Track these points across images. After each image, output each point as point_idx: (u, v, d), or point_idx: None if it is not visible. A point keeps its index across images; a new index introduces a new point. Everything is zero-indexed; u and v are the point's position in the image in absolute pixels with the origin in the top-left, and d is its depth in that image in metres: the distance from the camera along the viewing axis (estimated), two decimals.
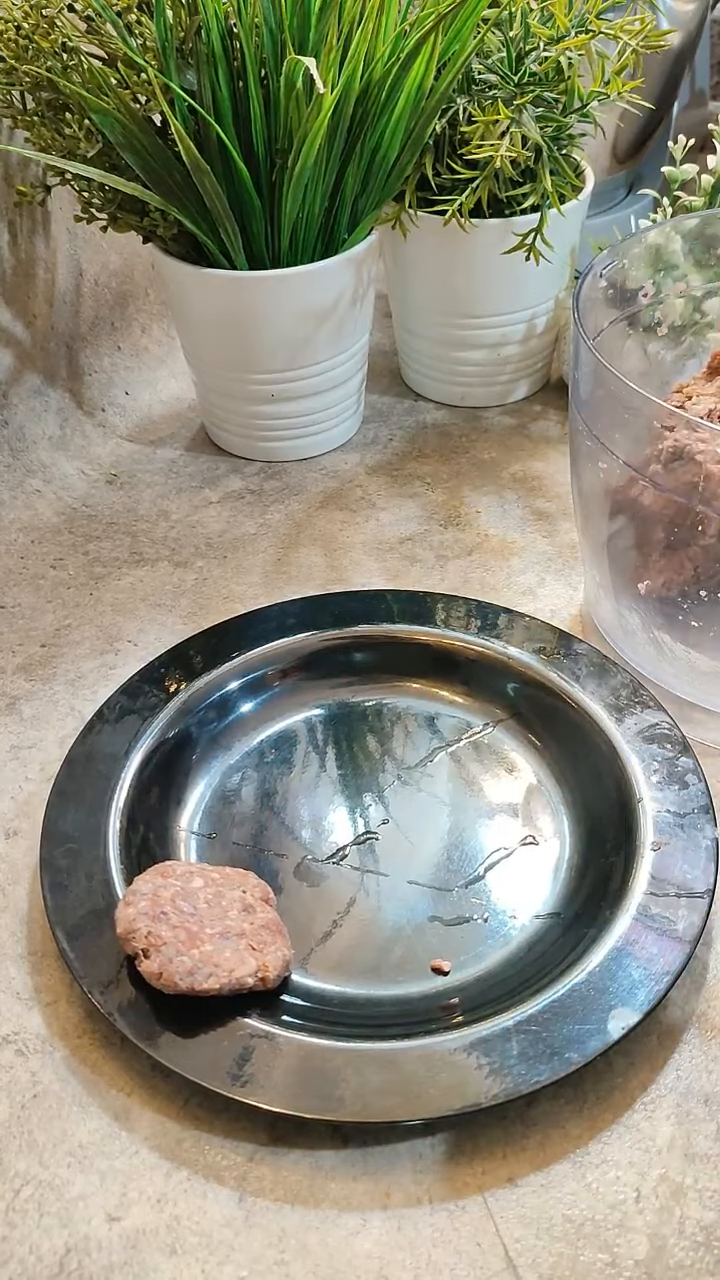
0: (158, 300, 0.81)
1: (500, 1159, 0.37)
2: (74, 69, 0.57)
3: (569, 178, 0.66)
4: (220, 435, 0.73)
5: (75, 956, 0.41)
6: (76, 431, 0.73)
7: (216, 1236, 0.36)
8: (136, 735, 0.49)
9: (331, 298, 0.64)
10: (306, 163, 0.57)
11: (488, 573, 0.62)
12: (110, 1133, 0.38)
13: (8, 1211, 0.36)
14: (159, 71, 0.56)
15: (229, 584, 0.62)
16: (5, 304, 0.70)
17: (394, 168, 0.63)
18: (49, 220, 0.71)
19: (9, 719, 0.54)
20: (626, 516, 0.50)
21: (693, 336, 0.60)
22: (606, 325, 0.55)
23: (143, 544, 0.65)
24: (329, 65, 0.56)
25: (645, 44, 0.61)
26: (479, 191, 0.63)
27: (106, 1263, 0.35)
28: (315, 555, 0.64)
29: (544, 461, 0.71)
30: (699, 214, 0.58)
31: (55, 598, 0.62)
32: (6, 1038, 0.41)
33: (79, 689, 0.56)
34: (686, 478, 0.45)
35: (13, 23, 0.57)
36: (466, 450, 0.72)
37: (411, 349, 0.76)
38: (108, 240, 0.76)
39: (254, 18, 0.56)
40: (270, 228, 0.62)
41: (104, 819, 0.46)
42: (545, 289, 0.70)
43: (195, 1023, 0.39)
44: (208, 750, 0.51)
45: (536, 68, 0.61)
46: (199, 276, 0.63)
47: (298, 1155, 0.38)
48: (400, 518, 0.67)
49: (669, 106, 0.85)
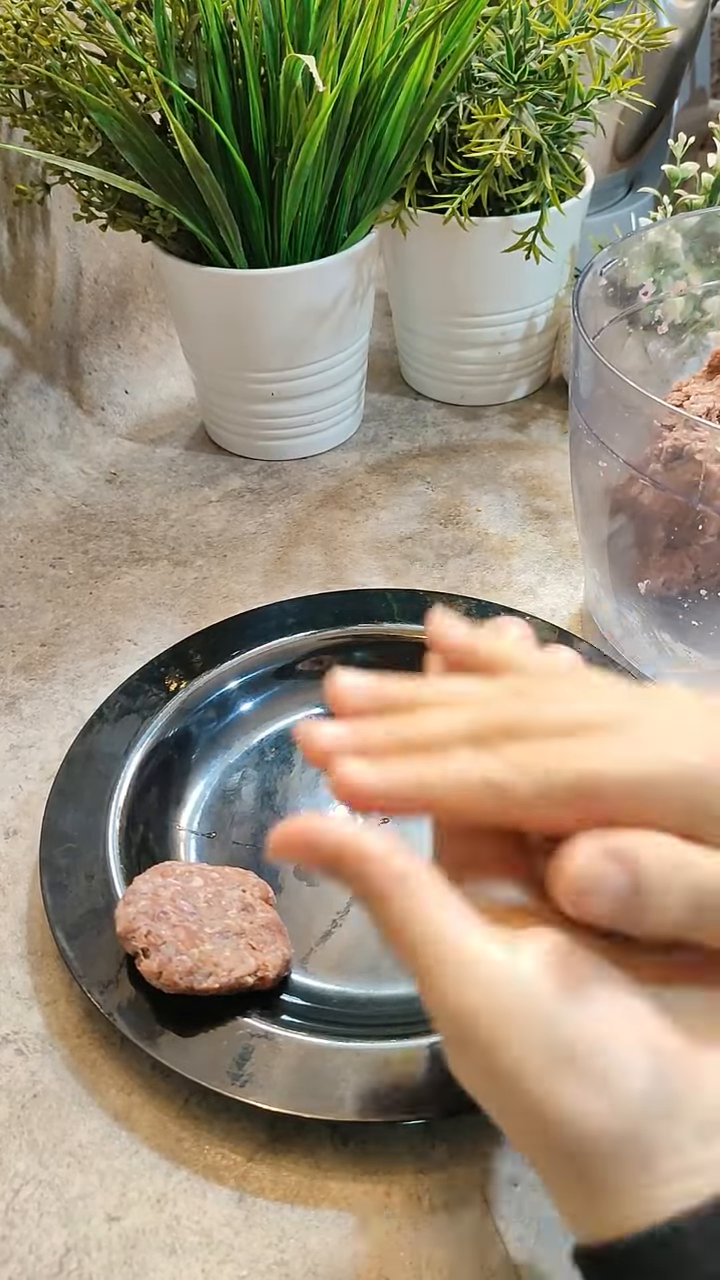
0: (157, 299, 0.81)
1: (500, 1159, 0.37)
2: (73, 67, 0.57)
3: (569, 176, 0.66)
4: (220, 434, 0.73)
5: (75, 956, 0.41)
6: (76, 430, 0.73)
7: (216, 1236, 0.36)
8: (136, 734, 0.49)
9: (331, 296, 0.64)
10: (306, 161, 0.57)
11: (488, 572, 0.62)
12: (110, 1132, 0.38)
13: (8, 1211, 0.36)
14: (158, 70, 0.56)
15: (229, 583, 0.62)
16: (5, 303, 0.69)
17: (394, 166, 0.63)
18: (48, 219, 0.71)
19: (9, 718, 0.54)
20: (627, 515, 0.50)
21: (693, 335, 0.60)
22: (607, 324, 0.55)
23: (142, 543, 0.65)
24: (328, 63, 0.56)
25: (645, 42, 0.61)
26: (479, 190, 0.63)
27: (106, 1262, 0.35)
28: (315, 554, 0.64)
29: (544, 460, 0.71)
30: (699, 212, 0.58)
31: (55, 597, 0.62)
32: (6, 1037, 0.41)
33: (79, 688, 0.56)
34: (686, 476, 0.45)
35: (12, 21, 0.56)
36: (466, 449, 0.72)
37: (411, 347, 0.76)
38: (107, 239, 0.76)
39: (253, 16, 0.56)
40: (270, 226, 0.62)
41: (103, 818, 0.46)
42: (545, 287, 0.70)
43: (195, 1022, 0.39)
44: (207, 749, 0.51)
45: (536, 66, 0.61)
46: (198, 275, 0.63)
47: (297, 1155, 0.37)
48: (400, 516, 0.67)
49: (669, 104, 0.85)
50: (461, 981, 0.24)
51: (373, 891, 0.25)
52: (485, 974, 0.24)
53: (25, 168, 0.67)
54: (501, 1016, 0.23)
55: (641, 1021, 0.24)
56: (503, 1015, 0.23)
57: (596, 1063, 0.23)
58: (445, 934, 0.24)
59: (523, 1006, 0.23)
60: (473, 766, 0.25)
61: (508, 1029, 0.23)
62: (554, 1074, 0.23)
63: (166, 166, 0.59)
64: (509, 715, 0.26)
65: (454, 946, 0.24)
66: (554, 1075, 0.23)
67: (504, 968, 0.24)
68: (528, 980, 0.24)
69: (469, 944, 0.24)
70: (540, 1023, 0.23)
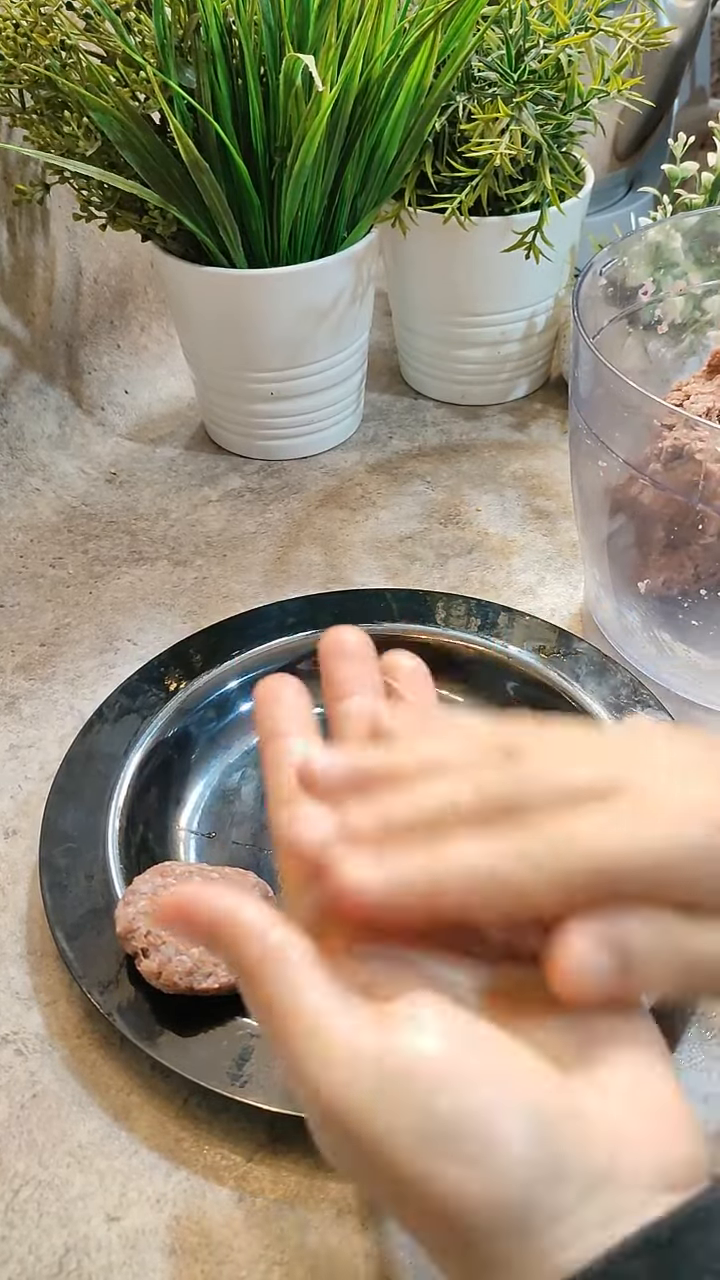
0: (157, 299, 0.81)
1: None
2: (73, 67, 0.57)
3: (569, 175, 0.66)
4: (220, 434, 0.73)
5: (74, 956, 0.41)
6: (76, 430, 0.73)
7: (216, 1236, 0.36)
8: (136, 734, 0.49)
9: (331, 296, 0.64)
10: (306, 161, 0.57)
11: (488, 571, 0.62)
12: (110, 1133, 0.38)
13: (7, 1211, 0.36)
14: (158, 69, 0.56)
15: (228, 583, 0.62)
16: (5, 302, 0.69)
17: (393, 166, 0.63)
18: (48, 219, 0.71)
19: (8, 718, 0.54)
20: (626, 515, 0.50)
21: (693, 334, 0.60)
22: (606, 323, 0.55)
23: (142, 543, 0.65)
24: (328, 63, 0.56)
25: (645, 41, 0.61)
26: (479, 189, 0.63)
27: (106, 1263, 0.35)
28: (315, 554, 0.64)
29: (544, 460, 0.71)
30: (699, 212, 0.58)
31: (55, 597, 0.62)
32: (6, 1038, 0.41)
33: (78, 688, 0.56)
34: (686, 476, 0.45)
35: (11, 20, 0.56)
36: (466, 448, 0.72)
37: (411, 347, 0.76)
38: (107, 238, 0.76)
39: (253, 15, 0.56)
40: (269, 226, 0.62)
41: (103, 818, 0.46)
42: (545, 287, 0.70)
43: (195, 1022, 0.39)
44: (207, 749, 0.51)
45: (536, 65, 0.61)
46: (198, 275, 0.63)
47: (297, 1155, 0.37)
48: (400, 516, 0.66)
49: (669, 104, 0.85)
50: (328, 1064, 0.23)
51: (244, 971, 0.25)
52: (350, 1056, 0.23)
53: (25, 167, 0.67)
54: (370, 1098, 0.23)
55: (519, 1081, 0.23)
56: (371, 1096, 0.23)
57: (474, 1137, 0.22)
58: (315, 1018, 0.24)
59: (393, 1087, 0.23)
60: (481, 861, 0.24)
61: (377, 1110, 0.23)
62: (430, 1151, 0.22)
63: (166, 166, 0.59)
64: (504, 789, 0.25)
65: (325, 1030, 0.23)
66: (430, 1153, 0.22)
67: (370, 1049, 0.23)
68: (399, 1058, 0.23)
69: (340, 1027, 0.23)
70: (413, 1101, 0.22)
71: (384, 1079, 0.23)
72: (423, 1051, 0.23)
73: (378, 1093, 0.23)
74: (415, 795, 0.26)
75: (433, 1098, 0.22)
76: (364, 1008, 0.24)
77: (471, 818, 0.25)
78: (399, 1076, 0.23)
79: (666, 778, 0.25)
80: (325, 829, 0.25)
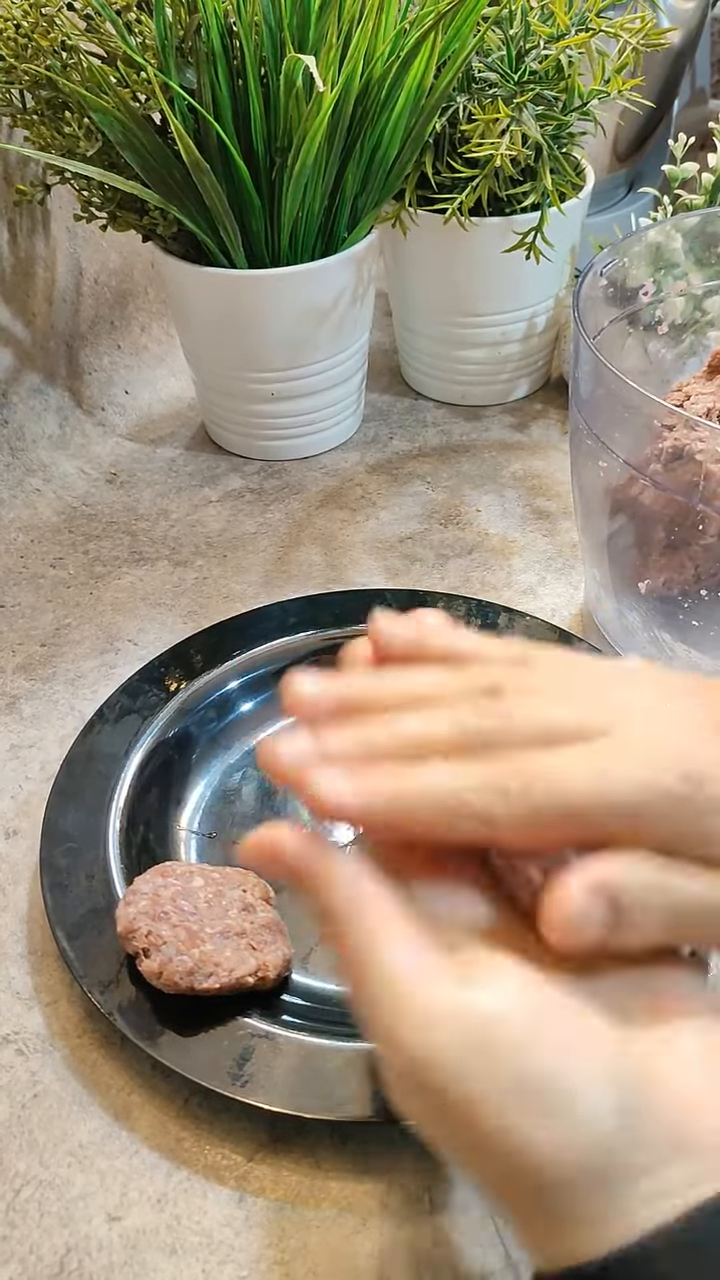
0: (157, 299, 0.81)
1: None
2: (73, 67, 0.57)
3: (569, 176, 0.66)
4: (220, 434, 0.73)
5: (75, 956, 0.41)
6: (76, 430, 0.73)
7: (216, 1236, 0.36)
8: (136, 735, 0.49)
9: (331, 296, 0.64)
10: (306, 161, 0.57)
11: (488, 572, 0.62)
12: (110, 1132, 0.38)
13: (8, 1211, 0.36)
14: (158, 70, 0.56)
15: (229, 583, 0.62)
16: (5, 303, 0.69)
17: (394, 166, 0.63)
18: (48, 219, 0.71)
19: (9, 718, 0.54)
20: (627, 515, 0.50)
21: (693, 335, 0.60)
22: (607, 324, 0.55)
23: (142, 543, 0.65)
24: (329, 64, 0.56)
25: (645, 42, 0.61)
26: (479, 190, 0.63)
27: (106, 1263, 0.35)
28: (315, 554, 0.64)
29: (544, 460, 0.71)
30: (699, 212, 0.58)
31: (55, 597, 0.62)
32: (6, 1037, 0.41)
33: (79, 688, 0.56)
34: (686, 477, 0.45)
35: (12, 21, 0.56)
36: (467, 449, 0.72)
37: (412, 347, 0.76)
38: (107, 239, 0.76)
39: (253, 16, 0.56)
40: (270, 226, 0.62)
41: (104, 818, 0.46)
42: (545, 287, 0.70)
43: (195, 1022, 0.39)
44: (208, 749, 0.51)
45: (537, 66, 0.61)
46: (199, 275, 0.63)
47: (298, 1155, 0.38)
48: (400, 516, 0.67)
49: (669, 104, 0.85)
50: (413, 1020, 0.24)
51: (330, 914, 0.25)
52: (436, 1014, 0.24)
53: (25, 168, 0.67)
54: (457, 1056, 0.23)
55: (603, 1046, 0.24)
56: (458, 1055, 0.23)
57: (563, 1095, 0.23)
58: (404, 974, 0.24)
59: (479, 1046, 0.23)
60: (450, 785, 0.25)
61: (465, 1069, 0.23)
62: (519, 1108, 0.23)
63: (166, 166, 0.59)
64: (483, 722, 0.26)
65: (413, 987, 0.24)
66: (519, 1109, 0.23)
67: (456, 1008, 0.24)
68: (484, 1019, 0.23)
69: (429, 986, 0.24)
70: (498, 1061, 0.23)
71: (470, 1038, 0.23)
72: (506, 1013, 0.24)
73: (465, 1051, 0.23)
74: (396, 724, 0.26)
75: (518, 1057, 0.23)
76: (448, 967, 0.25)
77: (449, 750, 0.26)
78: (485, 1036, 0.23)
79: (647, 722, 0.26)
80: (303, 748, 0.26)
